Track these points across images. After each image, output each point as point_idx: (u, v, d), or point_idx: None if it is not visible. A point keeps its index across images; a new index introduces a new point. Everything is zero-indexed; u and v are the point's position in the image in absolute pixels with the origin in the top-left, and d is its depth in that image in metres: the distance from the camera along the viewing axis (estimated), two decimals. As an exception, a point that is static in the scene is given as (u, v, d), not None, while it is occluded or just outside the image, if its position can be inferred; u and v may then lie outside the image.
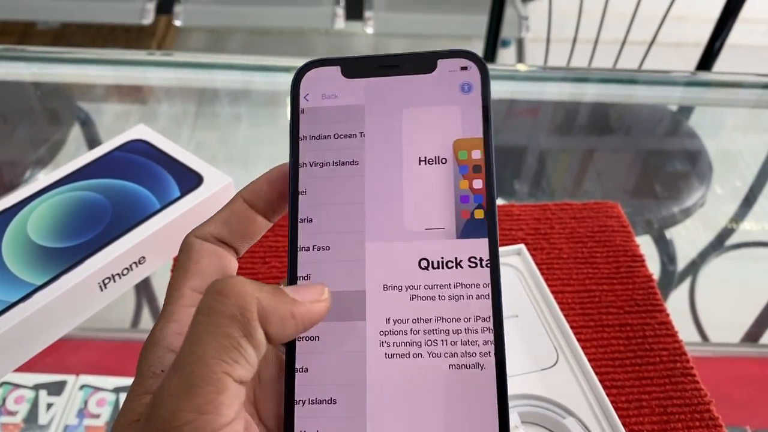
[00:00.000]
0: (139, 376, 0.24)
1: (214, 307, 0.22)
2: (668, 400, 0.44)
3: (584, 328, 0.48)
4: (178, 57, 0.88)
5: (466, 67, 0.28)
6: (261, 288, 0.23)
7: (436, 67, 0.28)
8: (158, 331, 0.25)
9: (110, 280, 0.47)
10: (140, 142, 0.55)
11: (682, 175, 0.79)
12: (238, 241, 0.28)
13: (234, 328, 0.21)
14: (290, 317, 0.23)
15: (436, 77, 0.28)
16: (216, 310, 0.22)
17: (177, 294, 0.26)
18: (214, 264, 0.27)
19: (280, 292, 0.23)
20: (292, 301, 0.23)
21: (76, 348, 0.54)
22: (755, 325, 0.62)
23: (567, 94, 0.88)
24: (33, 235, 0.47)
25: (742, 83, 0.86)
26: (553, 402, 0.41)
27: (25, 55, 0.84)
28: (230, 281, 0.22)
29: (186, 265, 0.26)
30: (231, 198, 0.28)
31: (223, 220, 0.27)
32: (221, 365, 0.21)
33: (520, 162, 0.78)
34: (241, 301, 0.22)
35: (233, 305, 0.22)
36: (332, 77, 0.28)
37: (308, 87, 0.28)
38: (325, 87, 0.28)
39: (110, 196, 0.50)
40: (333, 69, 0.28)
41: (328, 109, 0.28)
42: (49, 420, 0.49)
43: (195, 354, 0.21)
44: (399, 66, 0.28)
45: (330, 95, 0.28)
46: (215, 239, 0.27)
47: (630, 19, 1.16)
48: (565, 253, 0.54)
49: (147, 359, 0.24)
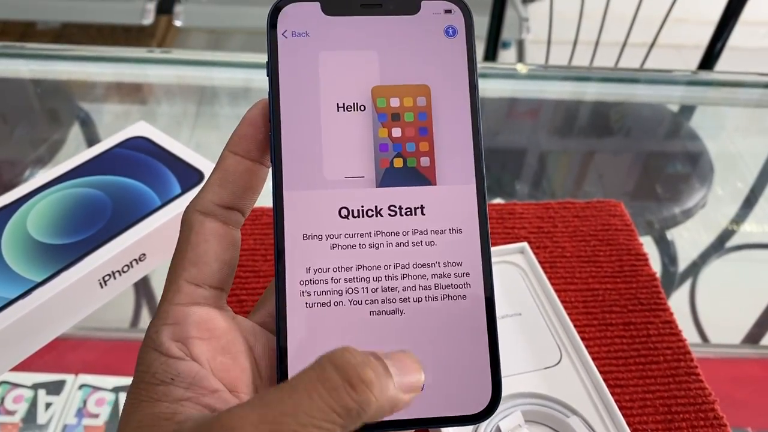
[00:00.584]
0: (141, 382, 0.24)
1: (338, 391, 0.21)
2: (672, 399, 0.44)
3: (588, 326, 0.48)
4: (178, 54, 0.87)
5: (450, 10, 0.28)
6: (381, 383, 0.21)
7: (419, 9, 0.28)
8: (153, 333, 0.25)
9: (110, 277, 0.47)
10: (141, 138, 0.55)
11: (683, 176, 0.79)
12: (242, 200, 0.26)
13: (342, 419, 0.21)
14: (389, 410, 0.22)
15: (419, 19, 0.28)
16: (339, 397, 0.21)
17: (174, 288, 0.25)
18: (214, 249, 0.26)
19: (389, 379, 0.22)
20: (396, 394, 0.22)
21: (75, 347, 0.54)
22: (756, 327, 0.61)
23: (568, 94, 0.88)
24: (33, 231, 0.47)
25: (744, 83, 0.86)
26: (556, 401, 0.41)
27: (24, 53, 0.84)
28: (365, 380, 0.21)
29: (183, 251, 0.26)
30: (219, 156, 0.27)
31: (219, 182, 0.26)
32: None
33: (520, 162, 0.78)
34: (364, 402, 0.21)
35: (356, 402, 0.21)
36: (311, 14, 0.27)
37: (286, 23, 0.27)
38: (303, 24, 0.27)
39: (111, 193, 0.50)
40: (312, 5, 0.27)
41: (302, 46, 0.27)
42: (48, 419, 0.49)
43: (297, 418, 0.20)
44: (382, 5, 0.28)
45: (306, 32, 0.27)
46: (217, 206, 0.26)
47: (631, 20, 1.16)
48: (568, 252, 0.53)
49: (149, 365, 0.24)
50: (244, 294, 0.50)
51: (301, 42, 0.27)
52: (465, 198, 0.27)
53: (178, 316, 0.25)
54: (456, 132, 0.27)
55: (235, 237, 0.27)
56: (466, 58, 0.27)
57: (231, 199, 0.26)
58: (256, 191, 0.27)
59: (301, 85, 0.27)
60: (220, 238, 0.26)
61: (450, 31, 0.28)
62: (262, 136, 0.26)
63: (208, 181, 0.26)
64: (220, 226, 0.26)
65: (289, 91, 0.27)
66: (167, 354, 0.24)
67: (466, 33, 0.28)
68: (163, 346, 0.24)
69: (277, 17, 0.27)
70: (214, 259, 0.26)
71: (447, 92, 0.27)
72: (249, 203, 0.27)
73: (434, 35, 0.27)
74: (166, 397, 0.23)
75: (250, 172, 0.26)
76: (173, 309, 0.25)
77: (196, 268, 0.25)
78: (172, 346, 0.24)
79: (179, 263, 0.25)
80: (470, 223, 0.26)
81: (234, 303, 0.49)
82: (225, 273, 0.26)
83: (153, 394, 0.23)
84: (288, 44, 0.27)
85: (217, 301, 0.26)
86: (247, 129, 0.26)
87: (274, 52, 0.27)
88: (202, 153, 0.54)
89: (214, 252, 0.26)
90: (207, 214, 0.26)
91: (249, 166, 0.26)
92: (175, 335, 0.25)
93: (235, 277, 0.51)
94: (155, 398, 0.23)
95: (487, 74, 0.84)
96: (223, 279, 0.26)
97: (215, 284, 0.26)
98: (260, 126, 0.26)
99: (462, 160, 0.27)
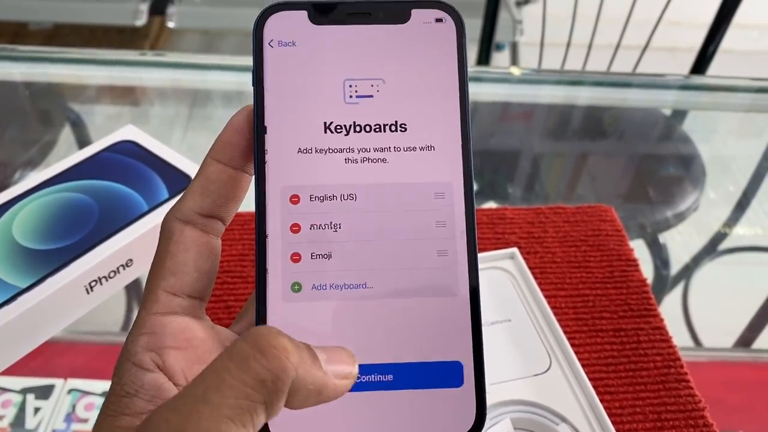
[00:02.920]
0: (112, 394, 0.23)
1: (248, 362, 0.20)
2: (662, 406, 0.44)
3: (578, 333, 0.48)
4: (170, 57, 0.87)
5: (441, 19, 0.27)
6: (303, 360, 0.21)
7: (409, 18, 0.27)
8: (130, 343, 0.24)
9: (97, 282, 0.46)
10: (128, 142, 0.54)
11: (675, 180, 0.79)
12: (223, 209, 0.26)
13: (258, 393, 0.20)
14: (316, 394, 0.21)
15: (408, 28, 0.27)
16: (248, 367, 0.20)
17: (152, 298, 0.25)
18: (193, 258, 0.25)
19: (318, 364, 0.21)
20: (323, 375, 0.21)
21: (64, 351, 0.53)
22: (748, 330, 0.61)
23: (561, 98, 0.88)
24: (18, 236, 0.47)
25: (736, 87, 0.86)
26: (545, 408, 0.41)
27: (15, 55, 0.83)
28: (275, 342, 0.20)
29: (162, 259, 0.25)
30: (201, 163, 0.26)
31: (200, 190, 0.25)
32: (228, 426, 0.19)
33: (512, 166, 0.77)
34: (278, 369, 0.20)
35: (268, 370, 0.20)
36: (298, 23, 0.27)
37: (272, 32, 0.27)
38: (289, 33, 0.27)
39: (97, 198, 0.50)
40: (299, 14, 0.27)
41: (289, 57, 0.27)
42: (37, 424, 0.48)
43: (209, 401, 0.19)
44: (370, 14, 0.27)
45: (293, 42, 0.27)
46: (197, 215, 0.25)
47: (624, 23, 1.16)
48: (558, 257, 0.53)
49: (120, 376, 0.24)
50: (232, 299, 0.49)
51: (288, 52, 0.27)
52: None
53: (154, 325, 0.24)
54: (443, 133, 0.27)
55: (215, 246, 0.26)
56: (456, 70, 0.27)
57: (212, 208, 0.26)
58: (238, 200, 0.26)
59: (287, 97, 0.26)
60: (200, 248, 0.26)
61: (440, 42, 0.27)
62: (246, 144, 0.26)
63: (190, 188, 0.26)
64: (200, 234, 0.26)
65: (275, 103, 0.26)
66: (138, 365, 0.24)
67: (457, 44, 0.27)
68: (136, 357, 0.24)
69: (263, 26, 0.27)
70: (194, 268, 0.25)
71: (436, 105, 0.27)
72: (230, 212, 0.26)
73: (424, 46, 0.27)
74: (128, 410, 0.23)
75: (232, 181, 0.26)
76: (150, 318, 0.25)
77: (175, 278, 0.25)
78: (145, 357, 0.24)
79: (158, 272, 0.25)
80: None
81: (221, 309, 0.49)
82: (204, 282, 0.26)
83: (117, 407, 0.23)
84: (274, 54, 0.27)
85: (195, 311, 0.26)
86: (231, 136, 0.26)
87: (260, 62, 0.26)
88: (193, 156, 0.54)
89: (194, 261, 0.25)
90: (187, 222, 0.25)
91: (232, 175, 0.26)
92: (150, 345, 0.24)
93: (223, 283, 0.50)
94: (119, 411, 0.23)
95: (481, 78, 0.84)
96: (202, 288, 0.26)
97: (194, 294, 0.26)
98: (245, 133, 0.26)
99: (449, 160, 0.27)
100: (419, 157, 0.26)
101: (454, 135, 0.27)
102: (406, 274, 0.26)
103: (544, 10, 1.20)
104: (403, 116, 0.27)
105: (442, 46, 0.27)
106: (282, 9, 0.27)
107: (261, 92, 0.26)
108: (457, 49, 0.27)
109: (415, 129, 0.27)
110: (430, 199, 0.26)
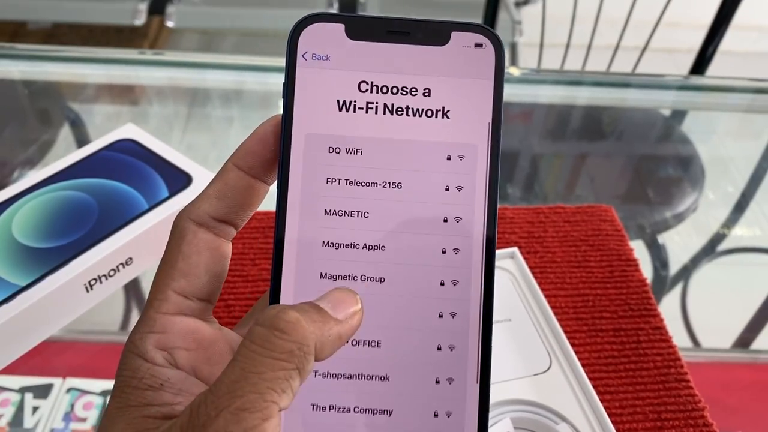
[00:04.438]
0: (127, 387, 0.23)
1: (272, 341, 0.21)
2: (662, 406, 0.44)
3: (577, 332, 0.48)
4: (169, 56, 0.87)
5: (481, 44, 0.26)
6: (314, 321, 0.22)
7: (449, 40, 0.26)
8: (138, 340, 0.24)
9: (96, 281, 0.46)
10: (129, 141, 0.54)
11: (674, 180, 0.79)
12: (237, 215, 0.26)
13: (289, 362, 0.21)
14: (338, 340, 0.23)
15: (447, 51, 0.26)
16: (273, 344, 0.21)
17: (161, 297, 0.25)
18: (205, 262, 0.25)
19: (326, 316, 0.23)
20: (336, 322, 0.23)
21: (63, 350, 0.53)
22: (747, 331, 0.61)
23: (560, 98, 0.88)
24: (18, 234, 0.47)
25: (735, 87, 0.87)
26: (545, 407, 0.41)
27: (14, 53, 0.83)
28: (290, 320, 0.22)
29: (174, 260, 0.25)
30: (222, 167, 0.26)
31: (217, 194, 0.26)
32: (272, 395, 0.21)
33: (511, 166, 0.77)
34: (301, 338, 0.22)
35: (293, 342, 0.21)
36: (334, 36, 0.26)
37: (307, 44, 0.26)
38: (324, 47, 0.26)
39: (97, 196, 0.49)
40: (336, 27, 0.26)
41: (322, 71, 0.26)
42: (35, 423, 0.48)
43: (249, 380, 0.21)
44: (410, 33, 0.26)
45: (327, 56, 0.26)
46: (211, 219, 0.26)
47: (623, 24, 1.17)
48: (558, 257, 0.53)
49: (134, 370, 0.24)
50: (232, 299, 0.49)
51: (322, 66, 0.26)
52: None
53: (164, 325, 0.24)
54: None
55: (226, 250, 0.26)
56: (492, 98, 0.26)
57: (227, 213, 0.26)
58: (253, 208, 0.26)
59: (318, 113, 0.26)
60: (213, 251, 0.26)
61: (478, 68, 0.26)
62: (270, 155, 0.26)
63: (207, 191, 0.26)
64: (213, 238, 0.26)
65: (304, 119, 0.26)
66: (152, 362, 0.24)
67: (495, 71, 0.26)
68: (148, 354, 0.24)
69: (298, 37, 0.26)
70: (205, 271, 0.25)
71: (466, 134, 0.26)
72: (244, 219, 0.26)
73: (461, 71, 0.26)
74: (156, 401, 0.23)
75: (250, 189, 0.26)
76: (159, 317, 0.25)
77: (186, 280, 0.25)
78: (157, 355, 0.24)
79: (168, 272, 0.25)
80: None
81: (222, 308, 0.49)
82: (214, 286, 0.26)
83: (142, 399, 0.23)
84: (307, 67, 0.26)
85: (203, 313, 0.26)
86: (255, 145, 0.26)
87: (292, 75, 0.26)
88: (193, 155, 0.54)
89: (206, 264, 0.25)
90: (200, 224, 0.25)
91: (251, 183, 0.26)
92: (159, 344, 0.24)
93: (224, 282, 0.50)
94: (144, 402, 0.23)
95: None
96: (211, 292, 0.26)
97: (203, 297, 0.26)
98: (269, 144, 0.26)
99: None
100: (444, 178, 0.26)
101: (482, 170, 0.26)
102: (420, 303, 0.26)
103: (544, 11, 1.20)
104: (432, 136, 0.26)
105: (479, 73, 0.26)
106: (319, 20, 0.26)
107: (290, 105, 0.26)
108: (494, 78, 0.26)
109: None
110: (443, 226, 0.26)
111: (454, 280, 0.26)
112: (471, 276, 0.26)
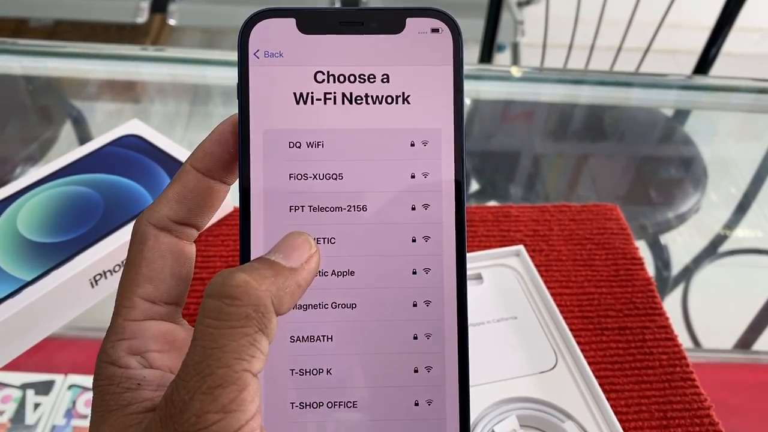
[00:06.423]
0: (106, 394, 0.23)
1: (225, 311, 0.21)
2: (668, 405, 0.44)
3: (583, 330, 0.48)
4: (171, 53, 0.87)
5: (438, 29, 0.26)
6: (265, 277, 0.21)
7: (404, 27, 0.25)
8: (109, 348, 0.24)
9: (101, 276, 0.46)
10: (134, 137, 0.54)
11: (677, 181, 0.79)
12: (198, 217, 0.25)
13: (250, 326, 0.21)
14: (297, 289, 0.22)
15: (402, 39, 0.25)
16: (228, 313, 0.21)
17: (128, 305, 0.24)
18: (169, 266, 0.25)
19: (278, 268, 0.22)
20: (291, 272, 0.22)
21: (64, 347, 0.53)
22: (748, 332, 0.61)
23: (562, 97, 0.88)
24: (23, 229, 0.47)
25: (738, 88, 0.87)
26: (551, 405, 0.41)
27: (16, 49, 0.83)
28: (238, 284, 0.21)
29: (137, 265, 0.25)
30: (180, 168, 0.25)
31: (177, 197, 0.25)
32: (241, 364, 0.20)
33: (514, 165, 0.77)
34: (255, 300, 0.21)
35: (247, 305, 0.21)
36: (285, 32, 0.25)
37: (258, 42, 0.25)
38: (276, 43, 0.25)
39: (103, 191, 0.49)
40: (287, 22, 0.25)
41: (276, 68, 0.25)
42: (37, 420, 0.48)
43: (213, 357, 0.20)
44: (363, 23, 0.25)
45: (279, 53, 0.25)
46: (172, 222, 0.25)
47: (626, 25, 1.17)
48: (563, 255, 0.53)
49: (110, 378, 0.23)
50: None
51: (274, 63, 0.25)
52: None
53: (133, 331, 0.24)
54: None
55: (189, 251, 0.26)
56: (452, 84, 0.26)
57: (187, 216, 0.25)
58: (214, 209, 0.26)
59: (275, 109, 0.25)
60: (176, 254, 0.25)
61: (436, 54, 0.26)
62: (228, 156, 0.25)
63: (165, 194, 0.25)
64: (176, 241, 0.25)
65: (261, 115, 0.25)
66: (125, 367, 0.24)
67: (454, 56, 0.25)
68: (121, 361, 0.24)
69: (248, 35, 0.25)
70: (170, 275, 0.25)
71: (428, 120, 0.26)
72: (205, 220, 0.26)
73: (419, 57, 0.26)
74: (136, 400, 0.23)
75: (210, 191, 0.25)
76: (128, 325, 0.24)
77: (152, 285, 0.25)
78: (131, 360, 0.24)
79: (133, 278, 0.25)
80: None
81: (195, 307, 0.49)
82: (181, 288, 0.26)
83: (121, 401, 0.23)
84: (260, 65, 0.25)
85: (172, 316, 0.26)
86: (213, 147, 0.25)
87: (245, 74, 0.25)
88: (195, 152, 0.54)
89: (170, 268, 0.25)
90: (161, 228, 0.25)
91: (210, 185, 0.25)
92: (132, 349, 0.24)
93: (196, 287, 0.50)
94: (124, 404, 0.23)
95: (482, 76, 0.84)
96: (179, 294, 0.26)
97: (171, 300, 0.25)
98: (228, 144, 0.25)
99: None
100: (410, 164, 0.26)
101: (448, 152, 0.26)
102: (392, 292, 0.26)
103: (547, 12, 1.20)
104: (394, 122, 0.26)
105: (438, 58, 0.26)
106: (268, 16, 0.25)
107: (246, 104, 0.25)
108: (453, 62, 0.26)
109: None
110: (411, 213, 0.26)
111: (424, 253, 0.25)
112: (443, 262, 0.25)
